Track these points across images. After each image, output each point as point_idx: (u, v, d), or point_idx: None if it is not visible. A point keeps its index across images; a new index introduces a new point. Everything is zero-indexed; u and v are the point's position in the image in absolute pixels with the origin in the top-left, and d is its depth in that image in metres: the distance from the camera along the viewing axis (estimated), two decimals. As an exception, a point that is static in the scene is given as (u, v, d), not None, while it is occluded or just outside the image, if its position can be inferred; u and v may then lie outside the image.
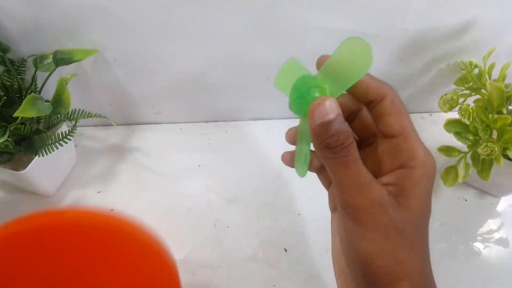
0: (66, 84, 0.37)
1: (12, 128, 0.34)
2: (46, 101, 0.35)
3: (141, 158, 0.48)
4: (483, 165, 0.37)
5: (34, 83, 0.39)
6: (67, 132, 0.37)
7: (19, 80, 0.38)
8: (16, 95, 0.38)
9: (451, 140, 0.39)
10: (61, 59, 0.38)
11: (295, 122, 0.60)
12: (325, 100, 0.19)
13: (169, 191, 0.43)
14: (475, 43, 0.45)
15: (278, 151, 0.46)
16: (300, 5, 0.39)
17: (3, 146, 0.33)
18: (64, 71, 0.40)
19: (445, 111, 0.42)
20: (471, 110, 0.37)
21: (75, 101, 0.38)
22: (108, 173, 0.45)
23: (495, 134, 0.37)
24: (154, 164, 0.47)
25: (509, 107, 0.38)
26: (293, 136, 0.26)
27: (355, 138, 0.20)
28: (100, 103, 0.49)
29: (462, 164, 0.39)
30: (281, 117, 0.54)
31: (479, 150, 0.36)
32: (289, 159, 0.25)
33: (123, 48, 0.42)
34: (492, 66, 0.40)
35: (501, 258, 0.39)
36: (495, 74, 0.40)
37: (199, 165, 0.46)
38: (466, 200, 0.44)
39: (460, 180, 0.39)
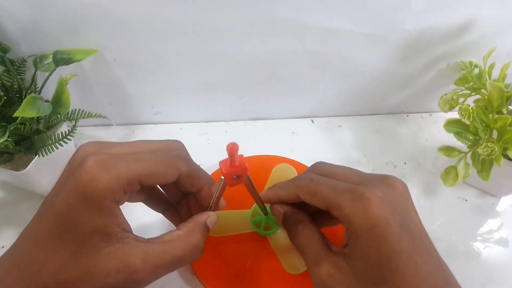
0: (66, 84, 0.37)
1: (12, 128, 0.34)
2: (46, 101, 0.35)
3: (141, 158, 0.47)
4: (483, 165, 0.37)
5: (34, 83, 0.39)
6: (67, 132, 0.37)
7: (19, 80, 0.38)
8: (16, 95, 0.38)
9: (451, 140, 0.39)
10: (61, 59, 0.38)
11: (295, 122, 0.60)
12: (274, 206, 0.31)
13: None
14: (475, 43, 0.45)
15: (278, 151, 0.46)
16: (300, 5, 0.39)
17: (3, 146, 0.33)
18: (64, 71, 0.40)
19: (445, 111, 0.42)
20: (471, 110, 0.37)
21: (75, 101, 0.38)
22: (108, 173, 0.45)
23: (495, 134, 0.37)
24: (154, 164, 0.46)
25: (509, 107, 0.38)
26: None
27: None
28: (100, 103, 0.49)
29: (462, 164, 0.39)
30: (281, 117, 0.54)
31: (479, 150, 0.36)
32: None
33: (123, 48, 0.42)
34: (492, 66, 0.40)
35: (501, 258, 0.39)
36: (495, 74, 0.40)
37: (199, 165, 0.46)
38: (466, 200, 0.44)
39: (460, 180, 0.39)
